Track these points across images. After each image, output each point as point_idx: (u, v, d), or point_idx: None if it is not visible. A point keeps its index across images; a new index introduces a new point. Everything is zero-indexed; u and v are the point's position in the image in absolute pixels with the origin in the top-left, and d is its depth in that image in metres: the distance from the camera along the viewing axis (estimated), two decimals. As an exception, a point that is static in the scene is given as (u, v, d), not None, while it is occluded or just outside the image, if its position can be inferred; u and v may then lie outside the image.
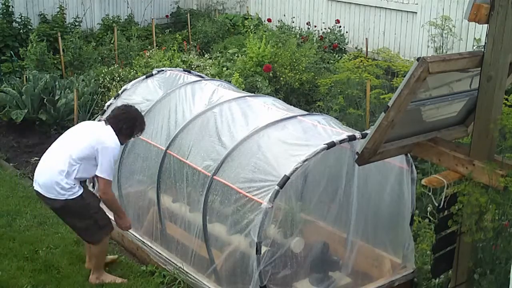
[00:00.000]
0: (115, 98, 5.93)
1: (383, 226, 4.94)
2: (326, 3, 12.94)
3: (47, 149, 7.72)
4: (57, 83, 8.64)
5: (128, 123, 4.80)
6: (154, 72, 6.12)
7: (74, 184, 4.66)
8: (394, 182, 4.83)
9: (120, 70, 9.02)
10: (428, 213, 4.85)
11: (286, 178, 4.23)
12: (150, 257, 5.26)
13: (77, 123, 7.95)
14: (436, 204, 3.96)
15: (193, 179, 4.88)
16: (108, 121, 4.80)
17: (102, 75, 8.88)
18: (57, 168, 4.66)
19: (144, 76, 6.08)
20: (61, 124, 8.31)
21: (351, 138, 4.46)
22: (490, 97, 3.79)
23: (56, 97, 8.32)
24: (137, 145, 5.46)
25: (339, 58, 10.56)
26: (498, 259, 3.95)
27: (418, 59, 3.50)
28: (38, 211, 6.09)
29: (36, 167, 7.19)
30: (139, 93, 5.87)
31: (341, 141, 4.43)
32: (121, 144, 4.87)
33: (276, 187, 4.22)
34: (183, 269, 4.93)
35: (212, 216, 4.72)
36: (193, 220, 4.90)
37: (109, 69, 9.10)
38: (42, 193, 4.71)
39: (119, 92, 6.02)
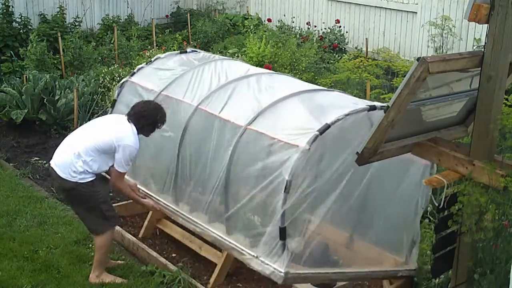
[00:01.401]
0: (147, 64, 5.97)
1: (396, 213, 4.88)
2: (326, 3, 12.95)
3: (47, 149, 7.83)
4: (57, 83, 8.63)
5: (149, 120, 4.87)
6: (188, 50, 6.24)
7: (87, 170, 4.74)
8: (414, 175, 4.77)
9: (120, 70, 9.02)
10: (428, 213, 4.85)
11: (327, 126, 4.20)
12: (151, 256, 5.26)
13: (77, 123, 8.01)
14: (436, 204, 3.96)
15: (223, 131, 4.82)
16: (130, 118, 4.86)
17: (102, 75, 8.87)
18: (75, 151, 4.76)
19: (178, 51, 6.17)
20: (61, 124, 8.31)
21: (385, 110, 4.40)
22: (490, 97, 3.79)
23: (56, 97, 8.32)
24: (168, 103, 5.41)
25: (339, 58, 10.56)
26: (498, 259, 3.95)
27: (418, 59, 3.50)
28: (38, 211, 6.09)
29: (36, 167, 7.27)
30: (173, 62, 5.94)
31: (382, 107, 4.33)
32: (146, 136, 4.98)
33: (316, 132, 4.19)
34: (191, 219, 4.91)
35: (237, 167, 4.65)
36: (215, 171, 4.81)
37: (109, 69, 9.10)
38: (56, 171, 4.79)
39: (152, 59, 6.06)
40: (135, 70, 5.96)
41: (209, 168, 4.89)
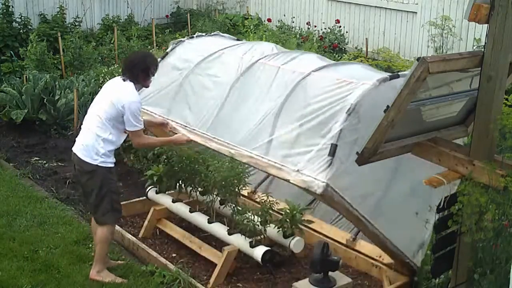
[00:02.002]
0: (177, 44, 6.04)
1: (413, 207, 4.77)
2: (326, 3, 12.95)
3: (47, 149, 7.84)
4: (57, 83, 8.63)
5: (141, 66, 4.88)
6: (215, 32, 6.47)
7: (109, 152, 4.82)
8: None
9: (120, 70, 9.01)
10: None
11: (397, 75, 4.35)
12: (151, 256, 5.27)
13: (77, 123, 8.01)
14: (436, 204, 3.97)
15: (284, 77, 4.85)
16: (124, 74, 4.91)
17: (102, 75, 8.86)
18: (92, 133, 4.82)
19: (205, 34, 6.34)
20: (61, 124, 8.32)
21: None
22: (490, 97, 3.79)
23: (56, 97, 8.32)
24: (227, 56, 5.52)
25: (339, 58, 10.57)
26: (498, 259, 3.95)
27: (418, 59, 3.51)
28: (38, 211, 6.09)
29: (36, 167, 7.28)
30: (209, 40, 6.04)
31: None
32: (147, 87, 5.03)
33: (387, 76, 4.33)
34: (227, 143, 4.85)
35: (294, 100, 4.66)
36: (266, 104, 4.82)
37: (109, 69, 9.09)
38: (78, 155, 4.84)
39: (184, 39, 6.19)
40: (194, 35, 6.18)
41: (260, 104, 4.88)
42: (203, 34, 6.26)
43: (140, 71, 4.87)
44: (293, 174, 4.27)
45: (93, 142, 4.80)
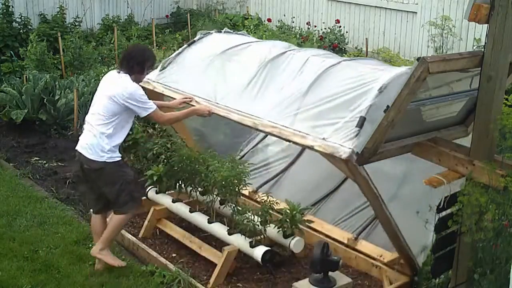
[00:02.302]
0: (205, 35, 6.02)
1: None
2: (326, 3, 12.95)
3: (47, 149, 7.84)
4: (57, 83, 8.63)
5: (138, 59, 4.90)
6: (241, 32, 6.51)
7: (114, 148, 4.84)
8: None
9: (120, 70, 9.02)
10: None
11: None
12: (151, 256, 5.27)
13: (77, 123, 8.02)
14: (436, 204, 3.97)
15: (313, 64, 4.82)
16: (121, 66, 4.93)
17: (102, 75, 8.86)
18: (95, 131, 4.84)
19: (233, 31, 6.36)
20: (61, 124, 8.31)
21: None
22: (490, 97, 3.79)
23: (56, 97, 8.32)
24: (256, 47, 5.50)
25: (339, 58, 10.54)
26: (498, 259, 3.95)
27: (418, 59, 3.51)
28: (38, 211, 6.09)
29: (36, 167, 7.27)
30: (236, 36, 6.03)
31: None
32: (139, 82, 5.01)
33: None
34: (250, 114, 4.80)
35: (325, 81, 4.61)
36: (295, 84, 4.77)
37: (109, 69, 9.08)
38: (84, 154, 4.87)
39: (213, 31, 6.17)
40: (223, 30, 6.19)
41: (288, 85, 4.82)
42: (231, 31, 6.27)
43: (136, 63, 4.88)
44: (318, 141, 4.19)
45: (97, 140, 4.81)
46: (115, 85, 4.86)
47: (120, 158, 4.92)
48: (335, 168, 4.68)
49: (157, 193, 5.81)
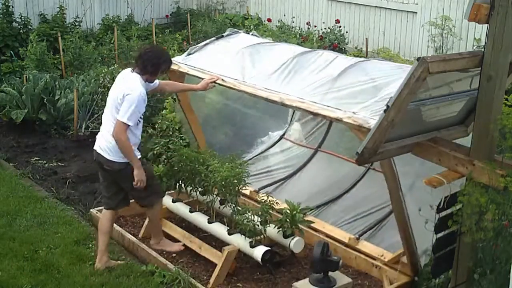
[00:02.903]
0: (233, 33, 6.11)
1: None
2: (326, 3, 12.95)
3: (47, 149, 7.84)
4: (57, 83, 8.63)
5: (153, 60, 4.91)
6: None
7: (133, 147, 4.89)
8: None
9: (120, 70, 9.00)
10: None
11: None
12: (151, 255, 5.27)
13: (77, 123, 8.02)
14: (436, 204, 3.96)
15: (341, 62, 4.92)
16: (136, 63, 4.95)
17: (102, 75, 8.85)
18: (111, 133, 4.87)
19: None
20: (61, 124, 8.31)
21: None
22: (490, 97, 3.79)
23: (56, 97, 8.32)
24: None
25: (339, 58, 10.53)
26: (498, 259, 3.95)
27: (418, 59, 3.51)
28: (38, 211, 6.09)
29: (36, 167, 7.28)
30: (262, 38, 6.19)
31: None
32: (151, 82, 5.05)
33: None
34: (265, 87, 4.89)
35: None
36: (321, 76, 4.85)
37: (109, 69, 9.07)
38: (103, 155, 4.94)
39: (241, 30, 6.36)
40: (250, 33, 6.36)
41: (316, 74, 4.88)
42: (258, 35, 6.36)
43: (150, 65, 4.90)
44: (348, 113, 4.22)
45: (114, 142, 4.86)
46: (122, 83, 4.92)
47: (139, 156, 4.99)
48: (341, 177, 4.72)
49: (157, 193, 5.81)
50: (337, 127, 6.18)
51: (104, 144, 4.96)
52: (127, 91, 4.80)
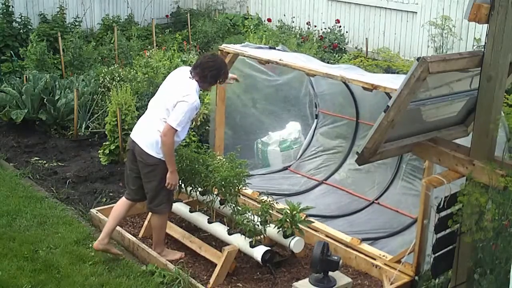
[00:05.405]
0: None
1: None
2: (326, 3, 12.95)
3: (47, 149, 7.84)
4: (57, 83, 8.63)
5: (214, 71, 5.00)
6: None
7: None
8: None
9: (120, 70, 9.02)
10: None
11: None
12: (151, 255, 5.27)
13: (77, 123, 8.01)
14: (436, 204, 3.96)
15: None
16: (195, 69, 4.99)
17: (102, 75, 8.87)
18: (156, 128, 4.91)
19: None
20: (61, 124, 8.31)
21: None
22: (490, 97, 3.79)
23: (56, 97, 8.32)
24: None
25: (339, 58, 10.57)
26: (498, 259, 3.94)
27: (418, 59, 3.51)
28: (38, 211, 6.09)
29: (36, 167, 7.27)
30: None
31: None
32: (204, 89, 5.21)
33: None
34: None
35: None
36: None
37: (109, 69, 9.09)
38: (141, 146, 4.95)
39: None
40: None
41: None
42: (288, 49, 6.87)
43: (210, 74, 4.98)
44: None
45: (157, 138, 4.89)
46: (179, 86, 4.95)
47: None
48: (343, 205, 4.75)
49: (157, 193, 5.80)
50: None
51: (146, 137, 4.97)
52: (182, 98, 4.84)
